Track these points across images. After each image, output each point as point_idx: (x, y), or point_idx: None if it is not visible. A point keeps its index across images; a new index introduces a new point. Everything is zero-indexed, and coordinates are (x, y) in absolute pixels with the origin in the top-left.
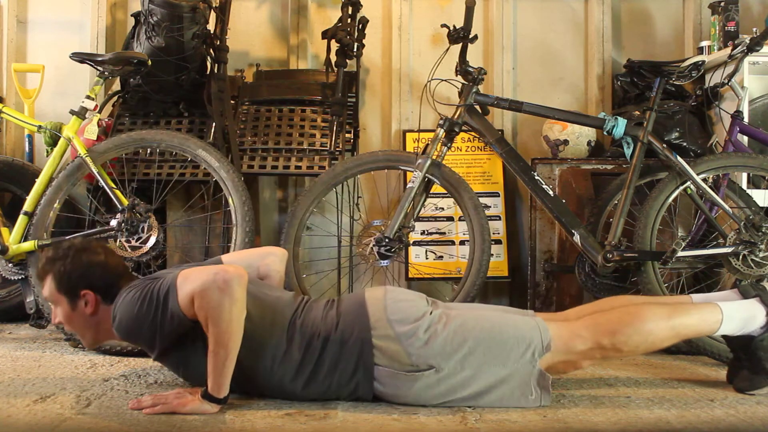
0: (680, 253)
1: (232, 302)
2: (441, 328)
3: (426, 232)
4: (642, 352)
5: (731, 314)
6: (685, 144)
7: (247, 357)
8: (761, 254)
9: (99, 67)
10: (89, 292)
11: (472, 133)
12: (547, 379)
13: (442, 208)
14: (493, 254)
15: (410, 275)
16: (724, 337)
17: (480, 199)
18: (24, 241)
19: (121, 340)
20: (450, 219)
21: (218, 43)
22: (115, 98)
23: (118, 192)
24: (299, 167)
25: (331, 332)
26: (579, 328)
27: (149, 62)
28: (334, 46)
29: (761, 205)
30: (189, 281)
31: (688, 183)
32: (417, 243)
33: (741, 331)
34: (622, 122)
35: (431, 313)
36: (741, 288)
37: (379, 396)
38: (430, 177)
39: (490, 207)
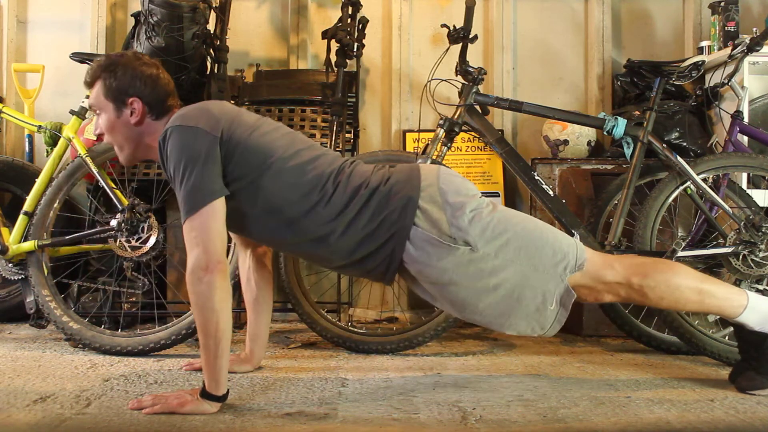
0: (680, 253)
1: (212, 291)
2: (487, 213)
3: None
4: (664, 306)
5: (756, 305)
6: (685, 144)
7: (294, 203)
8: (761, 254)
9: None
10: (137, 100)
11: (472, 133)
12: (571, 296)
13: None
14: None
15: None
16: (739, 329)
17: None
18: (24, 241)
19: (157, 160)
20: None
21: (218, 43)
22: None
23: (118, 192)
24: None
25: (380, 184)
26: (613, 260)
27: None
28: (334, 46)
29: (761, 205)
30: (188, 234)
31: (688, 183)
32: None
33: (760, 327)
34: (622, 122)
35: (481, 197)
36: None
37: (406, 260)
38: None
39: None
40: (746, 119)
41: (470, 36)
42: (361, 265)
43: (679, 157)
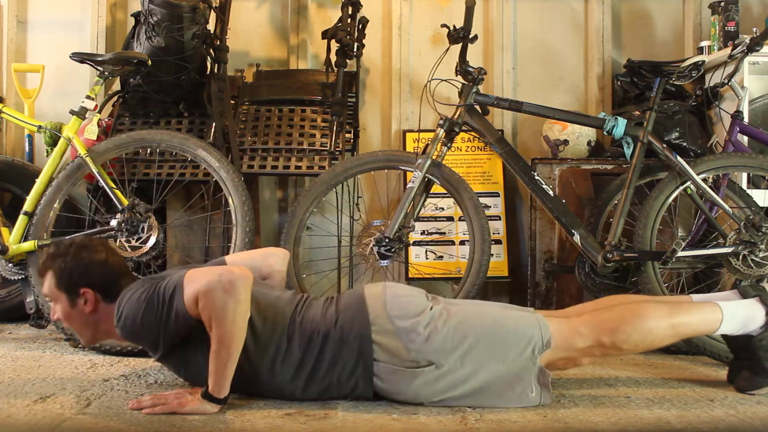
0: (680, 253)
1: (236, 303)
2: (441, 324)
3: (426, 232)
4: (642, 350)
5: (731, 314)
6: (685, 144)
7: (248, 357)
8: (761, 254)
9: (99, 67)
10: (89, 291)
11: (472, 133)
12: (547, 376)
13: (442, 208)
14: (493, 254)
15: (410, 275)
16: (724, 336)
17: (480, 199)
18: (24, 241)
19: (121, 340)
20: (450, 219)
21: (218, 43)
22: (115, 98)
23: (118, 192)
24: (299, 167)
25: (330, 329)
26: (579, 325)
27: (149, 62)
28: (334, 46)
29: (761, 205)
30: (194, 281)
31: (688, 183)
32: (417, 243)
33: (741, 330)
34: (622, 122)
35: (431, 308)
36: (741, 288)
37: (378, 393)
38: (430, 177)
39: (490, 207)
40: (746, 119)
41: (470, 36)
42: (336, 396)
43: (679, 157)
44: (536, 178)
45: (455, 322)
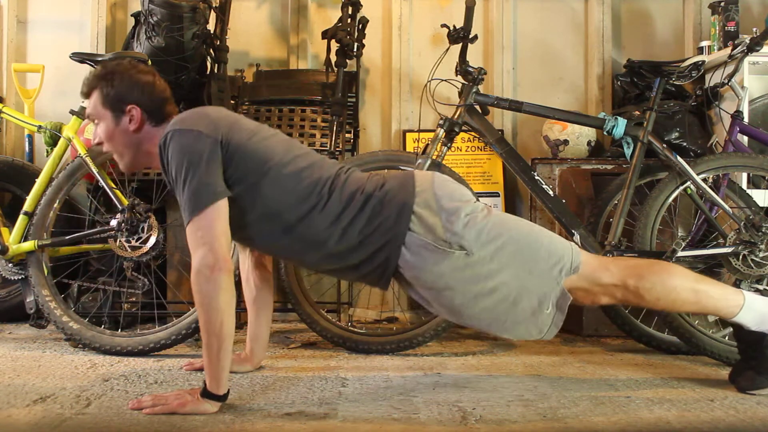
0: (680, 253)
1: (218, 291)
2: (482, 217)
3: None
4: (661, 307)
5: (752, 305)
6: (685, 144)
7: (290, 208)
8: (761, 254)
9: None
10: (136, 108)
11: (472, 133)
12: (567, 299)
13: None
14: None
15: None
16: (737, 332)
17: (480, 199)
18: (24, 241)
19: (158, 167)
20: None
21: (218, 43)
22: None
23: (118, 192)
24: None
25: (375, 190)
26: (610, 263)
27: (149, 62)
28: (334, 46)
29: (761, 205)
30: (191, 235)
31: (688, 183)
32: None
33: (757, 326)
34: (622, 122)
35: (476, 201)
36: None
37: (401, 266)
38: None
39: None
40: (746, 119)
41: (470, 36)
42: (356, 270)
43: (679, 157)
44: (536, 178)
45: (495, 219)
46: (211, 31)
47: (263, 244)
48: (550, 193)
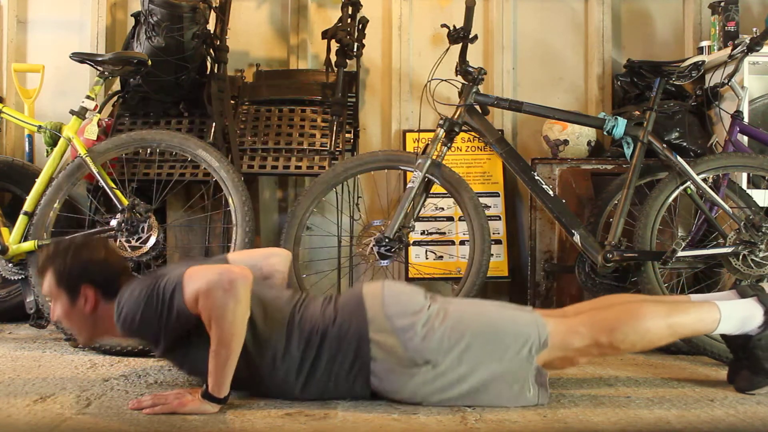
0: (680, 253)
1: (236, 303)
2: (438, 324)
3: (426, 232)
4: (639, 350)
5: (729, 314)
6: (685, 144)
7: (248, 355)
8: (761, 254)
9: (99, 67)
10: (89, 288)
11: (472, 133)
12: (544, 375)
13: (442, 208)
14: (493, 254)
15: (410, 275)
16: (723, 336)
17: (480, 199)
18: (24, 241)
19: (120, 337)
20: (450, 219)
21: (218, 43)
22: (115, 98)
23: (118, 192)
24: (299, 167)
25: (328, 327)
26: (577, 324)
27: (149, 62)
28: (334, 46)
29: (761, 205)
30: (194, 280)
31: (688, 183)
32: (417, 243)
33: (739, 330)
34: (622, 122)
35: (429, 307)
36: (739, 288)
37: (376, 392)
38: (430, 177)
39: (490, 207)
40: (746, 119)
41: (470, 36)
42: (335, 396)
43: (679, 157)
44: (536, 178)
45: (452, 322)
46: (211, 31)
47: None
48: (550, 193)
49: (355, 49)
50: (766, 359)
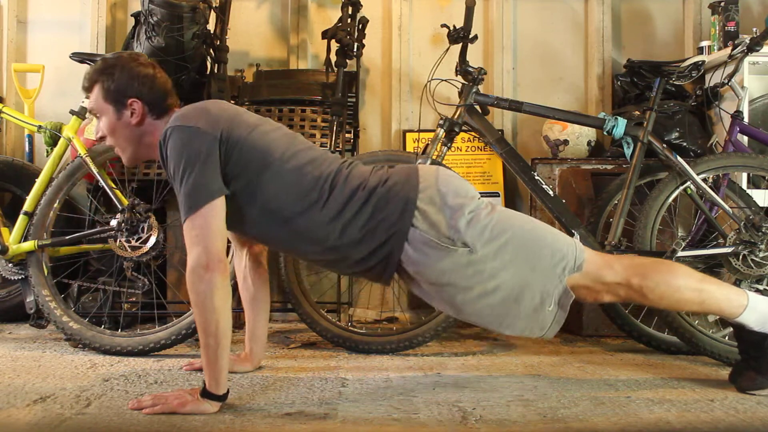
0: (680, 253)
1: (212, 290)
2: (485, 214)
3: None
4: (664, 306)
5: (755, 305)
6: (685, 144)
7: (291, 203)
8: (761, 254)
9: None
10: (137, 101)
11: (472, 133)
12: (570, 297)
13: None
14: None
15: None
16: (738, 333)
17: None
18: (24, 241)
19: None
20: None
21: (218, 43)
22: None
23: (118, 192)
24: None
25: (378, 185)
26: (614, 261)
27: None
28: (334, 46)
29: (761, 205)
30: (188, 235)
31: (688, 183)
32: None
33: (759, 327)
34: (622, 122)
35: (479, 198)
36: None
37: (404, 261)
38: None
39: None
40: (746, 119)
41: (470, 36)
42: (358, 265)
43: (679, 157)
44: (536, 178)
45: (499, 216)
46: (211, 31)
47: (263, 237)
48: (550, 193)
49: (355, 49)
50: None
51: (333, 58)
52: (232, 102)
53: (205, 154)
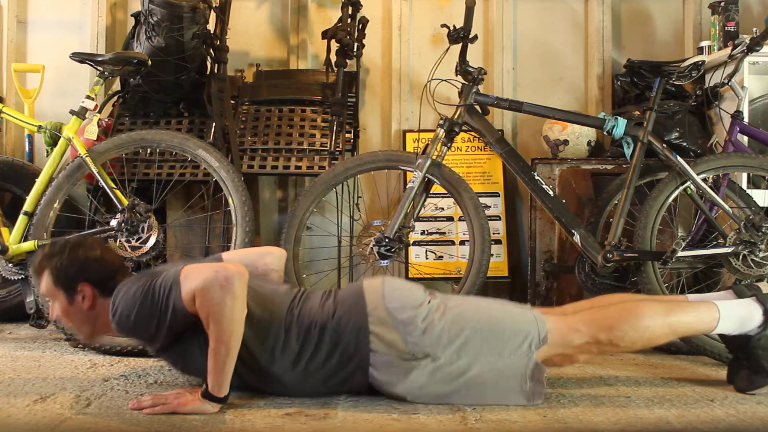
0: (680, 253)
1: (233, 300)
2: (438, 318)
3: (426, 232)
4: (639, 348)
5: (728, 313)
6: (685, 144)
7: (248, 349)
8: (761, 254)
9: (99, 67)
10: (86, 286)
11: (472, 133)
12: (542, 371)
13: (442, 208)
14: (493, 254)
15: (410, 275)
16: (722, 337)
17: (480, 199)
18: (24, 241)
19: (118, 335)
20: (450, 219)
21: (218, 43)
22: (115, 98)
23: (118, 192)
24: (299, 167)
25: (328, 320)
26: (576, 322)
27: (149, 62)
28: (334, 46)
29: (761, 205)
30: (191, 278)
31: (688, 183)
32: (417, 243)
33: (738, 330)
34: (622, 122)
35: (429, 302)
36: (736, 289)
37: (374, 384)
38: (430, 177)
39: (490, 207)
40: (746, 119)
41: (470, 36)
42: (338, 389)
43: (679, 157)
44: (536, 178)
45: (452, 316)
46: (211, 31)
47: (249, 385)
48: (550, 193)
49: (355, 49)
50: (766, 359)
51: (333, 58)
52: (233, 102)
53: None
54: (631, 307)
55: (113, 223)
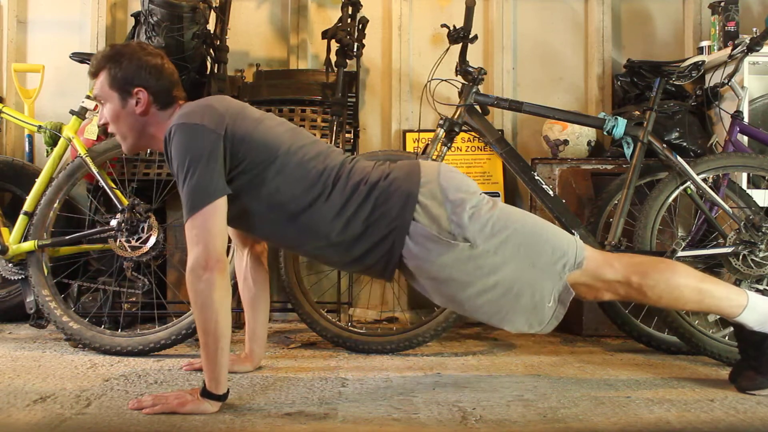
0: (680, 253)
1: (211, 290)
2: (487, 210)
3: None
4: (663, 305)
5: (756, 305)
6: (685, 144)
7: (296, 198)
8: (761, 254)
9: None
10: (143, 90)
11: (472, 133)
12: (570, 294)
13: None
14: None
15: None
16: (738, 332)
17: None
18: (24, 241)
19: (160, 150)
20: None
21: (218, 43)
22: None
23: (118, 192)
24: None
25: (380, 179)
26: (614, 259)
27: None
28: (334, 46)
29: (761, 205)
30: (190, 238)
31: (688, 183)
32: None
33: (759, 326)
34: (622, 122)
35: (481, 194)
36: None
37: (406, 256)
38: None
39: None
40: (746, 119)
41: (470, 36)
42: (360, 261)
43: (679, 157)
44: (536, 178)
45: (500, 213)
46: (211, 31)
47: (266, 233)
48: (550, 193)
49: (355, 49)
50: None
51: (333, 58)
52: None
53: (208, 152)
54: (670, 262)
55: (113, 223)
